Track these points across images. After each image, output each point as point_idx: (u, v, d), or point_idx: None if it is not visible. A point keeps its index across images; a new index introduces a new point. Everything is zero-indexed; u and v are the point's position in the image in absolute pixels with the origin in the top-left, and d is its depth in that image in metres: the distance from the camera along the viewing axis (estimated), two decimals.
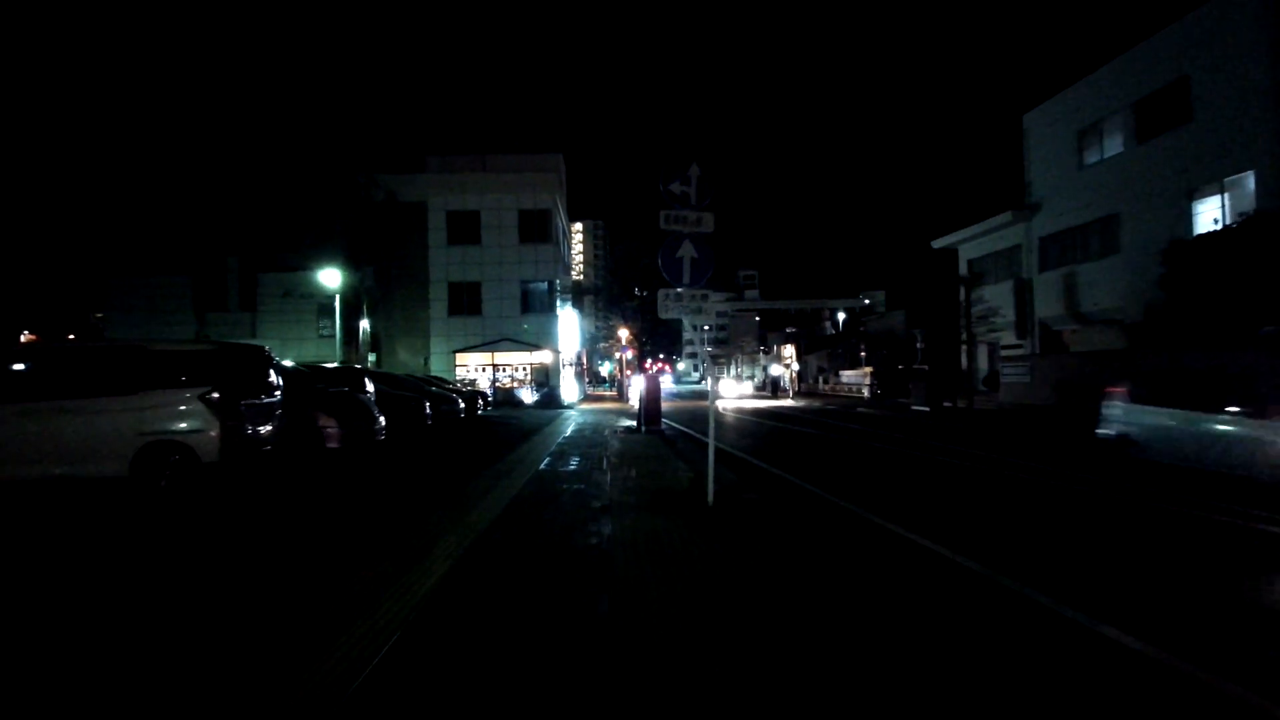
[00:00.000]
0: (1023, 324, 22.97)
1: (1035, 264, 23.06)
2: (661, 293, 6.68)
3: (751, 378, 63.98)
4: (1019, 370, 21.20)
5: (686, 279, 6.72)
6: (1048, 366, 20.29)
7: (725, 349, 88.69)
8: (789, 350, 48.72)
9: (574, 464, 9.88)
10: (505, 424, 18.48)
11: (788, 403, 30.23)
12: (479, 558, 4.69)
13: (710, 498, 6.51)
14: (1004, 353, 23.68)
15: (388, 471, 8.99)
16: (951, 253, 28.90)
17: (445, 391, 17.01)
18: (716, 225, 6.80)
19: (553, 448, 12.09)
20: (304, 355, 29.53)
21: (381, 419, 9.92)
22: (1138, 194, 19.12)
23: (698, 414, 23.37)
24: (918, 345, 28.54)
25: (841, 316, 76.79)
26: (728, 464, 9.68)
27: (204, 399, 6.63)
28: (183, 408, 6.58)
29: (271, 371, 7.86)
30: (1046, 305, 22.56)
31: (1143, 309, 18.30)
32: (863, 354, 34.17)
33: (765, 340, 72.12)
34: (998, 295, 23.62)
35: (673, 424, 17.58)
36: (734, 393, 30.38)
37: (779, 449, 12.25)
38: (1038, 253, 23.00)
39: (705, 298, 6.78)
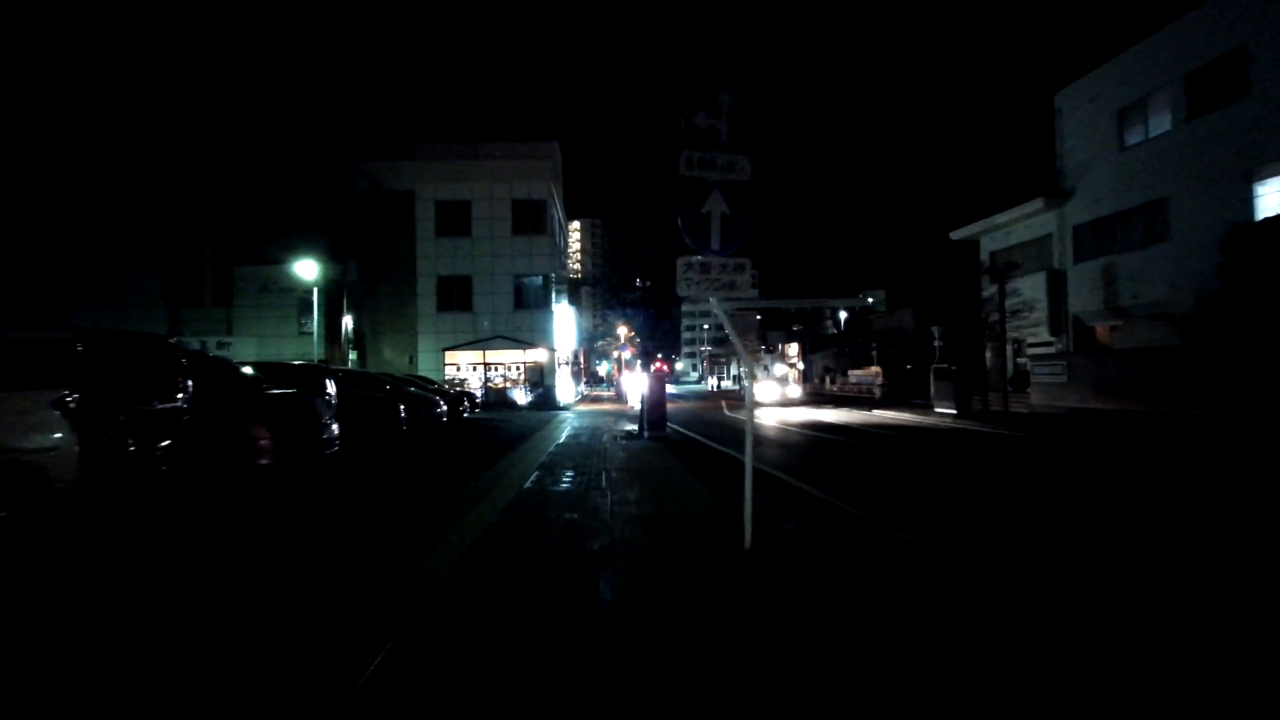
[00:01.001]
0: (1056, 319, 21.25)
1: (1069, 254, 21.34)
2: (682, 263, 4.92)
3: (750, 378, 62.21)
4: (1053, 369, 19.48)
5: (715, 243, 4.97)
6: (1087, 365, 18.57)
7: (724, 348, 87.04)
8: (793, 349, 46.98)
9: (566, 481, 8.13)
10: (493, 428, 16.72)
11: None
12: (411, 661, 2.93)
13: (747, 539, 4.77)
14: (1032, 351, 21.96)
15: (325, 495, 7.24)
16: (971, 245, 27.19)
17: (425, 393, 15.24)
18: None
19: (543, 458, 10.34)
20: (284, 353, 27.77)
21: (334, 426, 8.18)
22: (1189, 176, 17.40)
23: (703, 417, 21.65)
24: (935, 343, 26.77)
25: (843, 315, 75.39)
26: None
27: (59, 404, 4.87)
28: (28, 416, 4.82)
29: (176, 369, 6.10)
30: (1080, 299, 20.85)
31: (1194, 301, 16.60)
32: (874, 352, 32.47)
33: (765, 339, 70.47)
34: (1025, 288, 21.94)
35: (678, 429, 15.83)
36: (773, 396, 26.22)
37: (815, 463, 10.52)
38: (1071, 242, 21.28)
39: (741, 270, 5.02)
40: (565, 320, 34.21)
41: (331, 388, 10.59)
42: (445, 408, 15.33)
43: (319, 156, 28.93)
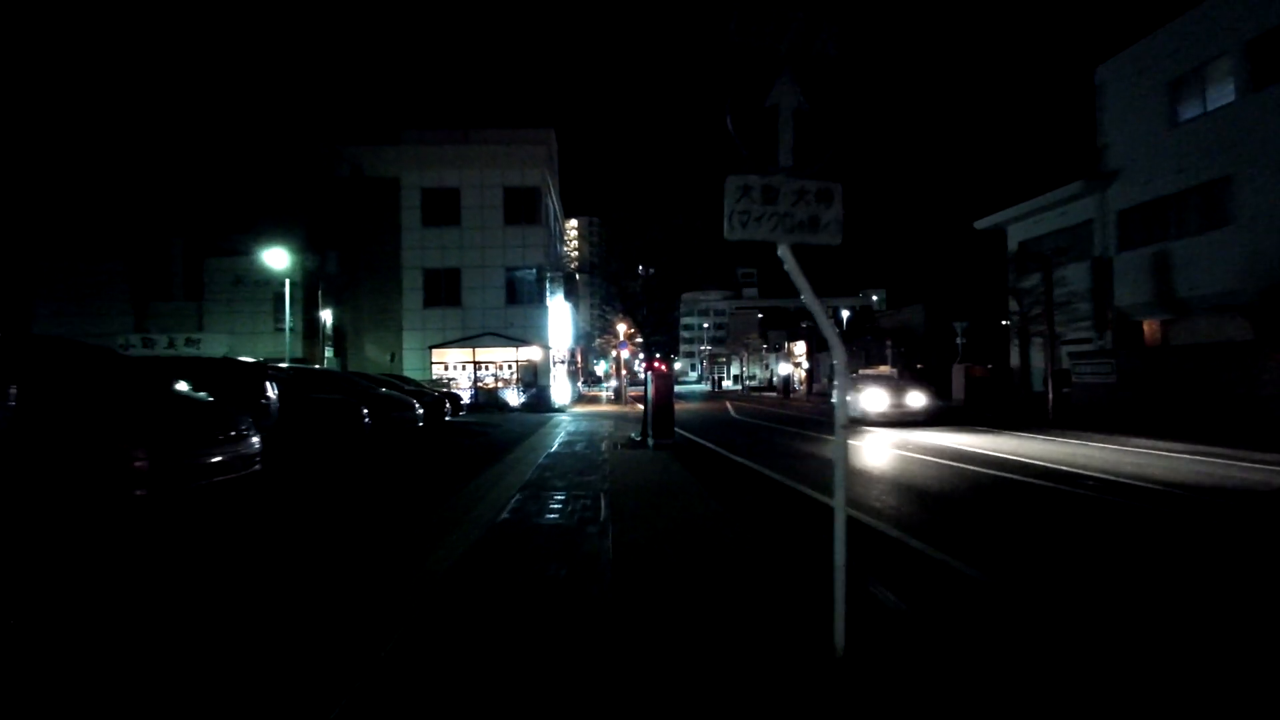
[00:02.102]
0: (1101, 313, 19.37)
1: (1112, 242, 19.48)
2: (734, 184, 3.00)
3: (752, 378, 60.49)
4: (1099, 369, 17.61)
5: (786, 157, 3.07)
6: (1139, 364, 16.71)
7: (723, 348, 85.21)
8: (800, 348, 45.11)
9: (555, 510, 6.25)
10: (478, 434, 14.82)
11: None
12: None
13: (839, 639, 2.87)
14: (1072, 348, 20.11)
15: (222, 538, 5.34)
16: (996, 235, 25.34)
17: (397, 395, 13.32)
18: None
19: (529, 474, 8.44)
20: (258, 351, 25.75)
21: (254, 440, 6.26)
22: (1256, 152, 15.55)
23: (712, 419, 19.75)
24: (958, 340, 24.96)
25: (845, 314, 73.62)
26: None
27: None
28: None
29: None
30: (1126, 291, 19.00)
31: (1265, 290, 14.79)
32: (889, 350, 30.62)
33: (767, 339, 68.65)
34: (1065, 280, 20.09)
35: (686, 434, 13.92)
36: (880, 406, 15.44)
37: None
38: (1115, 229, 19.42)
39: (828, 201, 3.12)
40: (561, 316, 32.29)
41: (271, 390, 8.67)
42: (421, 411, 13.41)
43: (297, 140, 27.00)
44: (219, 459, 5.73)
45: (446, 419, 16.05)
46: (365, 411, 10.80)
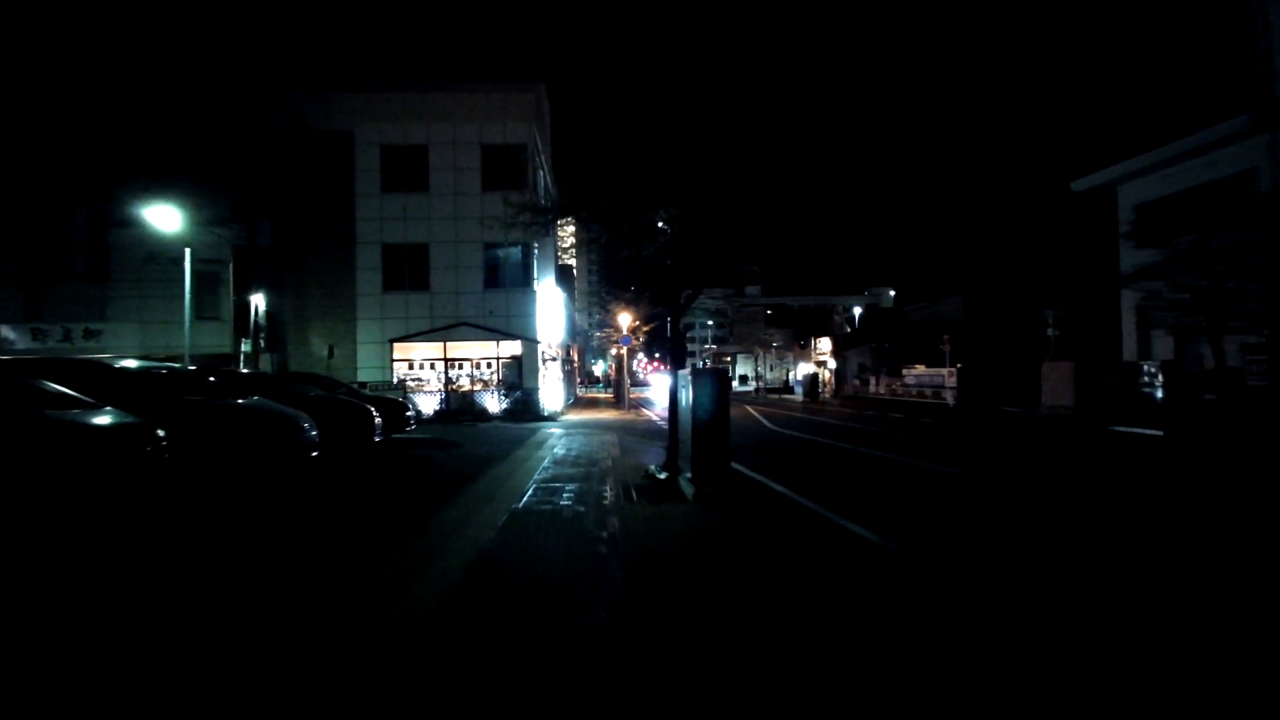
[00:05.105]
0: (1276, 293, 14.23)
1: None
2: None
3: (759, 378, 55.32)
4: None
5: None
6: None
7: (728, 347, 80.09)
8: (825, 344, 40.03)
9: None
10: (416, 465, 9.72)
11: None
12: None
13: None
14: (1233, 339, 14.99)
15: None
16: (1099, 198, 20.25)
17: (270, 409, 8.12)
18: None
19: (454, 576, 3.24)
20: (173, 344, 20.72)
21: None
22: None
23: (748, 436, 14.44)
24: (1050, 332, 19.85)
25: (857, 311, 68.56)
26: None
27: None
28: None
29: None
30: None
31: None
32: (946, 348, 25.48)
33: (779, 337, 63.62)
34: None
35: (748, 470, 8.73)
36: None
37: None
38: None
39: None
40: (552, 304, 27.19)
41: None
42: (315, 433, 8.25)
43: (225, 83, 21.84)
44: None
45: (377, 439, 10.89)
46: (160, 435, 5.67)
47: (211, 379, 8.49)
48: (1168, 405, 12.71)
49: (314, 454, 8.26)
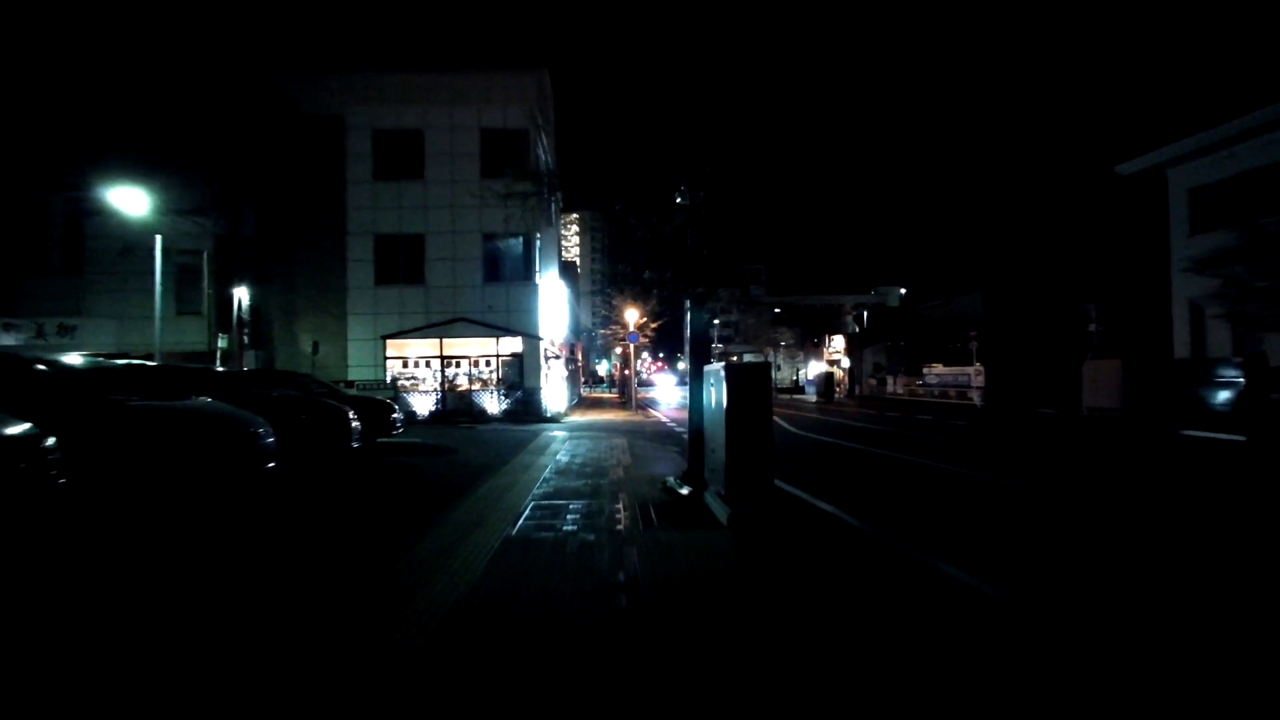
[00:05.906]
0: None
1: None
2: None
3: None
4: None
5: None
6: None
7: (734, 346, 78.63)
8: (839, 343, 38.61)
9: None
10: (394, 479, 8.40)
11: None
12: None
13: None
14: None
15: None
16: (1149, 182, 18.80)
17: (218, 412, 6.78)
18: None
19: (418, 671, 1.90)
20: (149, 342, 19.42)
21: None
22: None
23: (798, 446, 12.97)
24: (1091, 327, 18.43)
25: (865, 312, 67.04)
26: None
27: None
28: None
29: None
30: None
31: None
32: (974, 345, 24.06)
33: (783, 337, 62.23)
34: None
35: (793, 488, 7.34)
36: None
37: None
38: None
39: None
40: (555, 299, 25.89)
41: None
42: (271, 441, 6.91)
43: (209, 63, 20.57)
44: None
45: (355, 445, 9.56)
46: (51, 445, 4.33)
47: (151, 377, 7.16)
48: (1252, 407, 11.32)
49: (269, 465, 6.92)
